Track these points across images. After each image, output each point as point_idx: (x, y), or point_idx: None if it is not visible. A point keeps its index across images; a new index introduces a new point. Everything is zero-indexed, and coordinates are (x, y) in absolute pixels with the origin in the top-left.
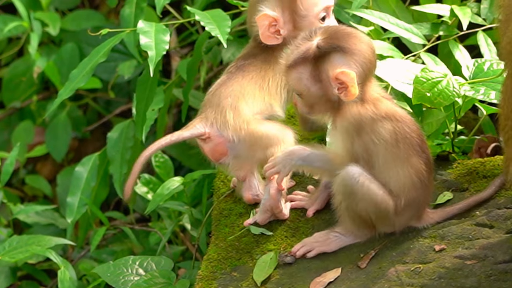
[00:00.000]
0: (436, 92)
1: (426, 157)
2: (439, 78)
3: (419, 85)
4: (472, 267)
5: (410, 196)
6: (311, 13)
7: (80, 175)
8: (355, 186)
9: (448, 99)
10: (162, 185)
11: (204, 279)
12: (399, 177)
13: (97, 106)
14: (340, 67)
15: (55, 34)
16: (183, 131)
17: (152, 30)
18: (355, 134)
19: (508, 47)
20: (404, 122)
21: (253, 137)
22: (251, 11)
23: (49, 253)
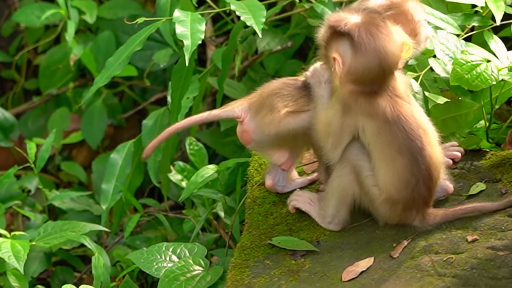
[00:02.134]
0: (475, 75)
1: (420, 161)
2: (479, 61)
3: (458, 66)
4: (504, 258)
5: (394, 194)
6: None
7: (115, 162)
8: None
9: (486, 83)
10: (196, 173)
11: (237, 266)
12: (382, 172)
13: (133, 93)
14: (337, 52)
15: (92, 22)
16: (222, 111)
17: (188, 19)
18: (343, 112)
19: None
20: (398, 124)
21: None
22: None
23: (84, 239)
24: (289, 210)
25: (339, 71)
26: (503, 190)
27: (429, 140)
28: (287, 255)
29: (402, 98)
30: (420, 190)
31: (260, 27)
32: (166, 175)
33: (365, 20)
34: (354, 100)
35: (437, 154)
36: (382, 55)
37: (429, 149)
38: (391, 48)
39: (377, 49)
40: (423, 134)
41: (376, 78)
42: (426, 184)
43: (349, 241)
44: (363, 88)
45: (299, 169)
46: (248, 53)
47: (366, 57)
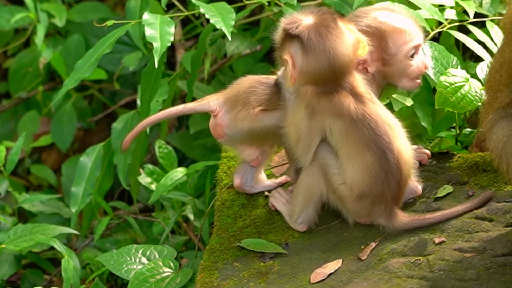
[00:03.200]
0: (459, 97)
1: (388, 155)
2: (462, 82)
3: (442, 89)
4: (471, 260)
5: (365, 189)
6: (400, 52)
7: (84, 165)
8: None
9: (472, 105)
10: (165, 176)
11: (206, 269)
12: (351, 170)
13: (102, 97)
14: (289, 54)
15: (62, 26)
16: (197, 104)
17: (157, 22)
18: (309, 115)
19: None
20: (364, 122)
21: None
22: None
23: (53, 242)
24: (258, 213)
25: (291, 73)
26: (470, 193)
27: (396, 134)
28: (256, 257)
29: (364, 96)
30: (390, 183)
31: (230, 30)
32: (135, 178)
33: (316, 22)
34: (317, 101)
35: (406, 148)
36: (331, 55)
37: (397, 143)
38: (341, 48)
39: (326, 50)
40: (389, 129)
41: (328, 78)
42: (396, 178)
43: (317, 243)
44: (320, 89)
45: (268, 171)
46: (217, 56)
47: (316, 58)
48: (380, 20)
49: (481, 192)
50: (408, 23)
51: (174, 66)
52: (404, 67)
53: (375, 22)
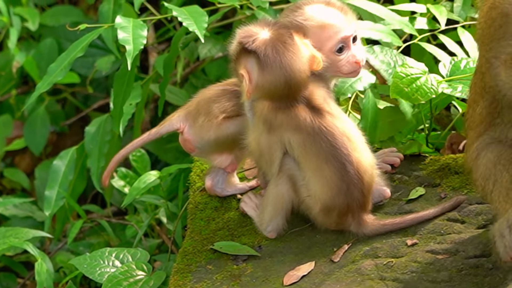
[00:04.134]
0: (414, 88)
1: (347, 167)
2: (418, 74)
3: (398, 80)
4: (443, 262)
5: (328, 202)
6: (324, 48)
7: (58, 169)
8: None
9: (426, 96)
10: (138, 179)
11: (179, 271)
12: (313, 183)
13: (75, 100)
14: (245, 69)
15: (34, 29)
16: (160, 127)
17: (130, 25)
18: (267, 130)
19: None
20: (321, 135)
21: (217, 143)
22: None
23: (27, 245)
24: (231, 216)
25: (247, 87)
26: (442, 195)
27: (355, 146)
28: (229, 260)
29: (321, 108)
30: (353, 194)
31: (202, 33)
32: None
33: (272, 37)
34: (274, 116)
35: (366, 158)
36: (288, 72)
37: (355, 155)
38: (297, 65)
39: (283, 67)
40: (347, 141)
41: (284, 94)
42: (358, 188)
43: (290, 245)
44: (276, 104)
45: (241, 174)
46: (190, 59)
47: (272, 75)
48: (305, 15)
49: (453, 194)
50: (334, 16)
51: (147, 70)
52: (333, 62)
53: (301, 17)
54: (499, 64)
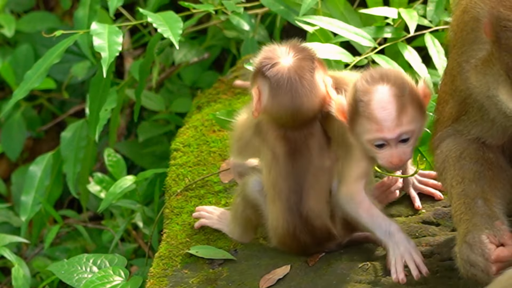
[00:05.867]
0: None
1: (294, 211)
2: None
3: None
4: None
5: (280, 235)
6: (365, 136)
7: (34, 174)
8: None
9: None
10: (114, 184)
11: (155, 276)
12: (270, 214)
13: (52, 106)
14: (258, 88)
15: (10, 36)
16: None
17: (105, 31)
18: (254, 131)
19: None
20: (288, 165)
21: None
22: None
23: (3, 251)
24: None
25: (255, 106)
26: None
27: (315, 189)
28: (205, 264)
29: (306, 146)
30: (300, 238)
31: (177, 38)
32: (85, 186)
33: (292, 67)
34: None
35: (319, 203)
36: (296, 108)
37: (310, 201)
38: (307, 103)
39: (292, 101)
40: (311, 180)
41: (288, 124)
42: (306, 233)
43: (266, 249)
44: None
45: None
46: (165, 65)
47: (281, 105)
48: (364, 94)
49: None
50: (386, 113)
51: (122, 75)
52: (371, 151)
53: (359, 92)
54: (469, 69)
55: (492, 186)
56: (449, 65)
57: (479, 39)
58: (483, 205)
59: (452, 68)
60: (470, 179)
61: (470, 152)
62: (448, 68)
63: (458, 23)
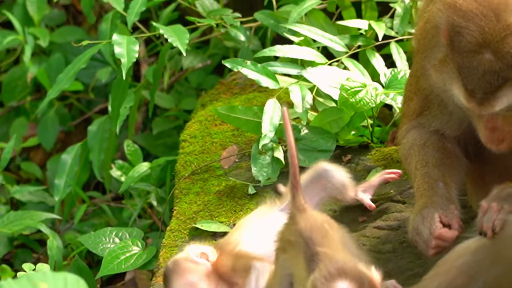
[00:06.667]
0: (358, 99)
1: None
2: (359, 87)
3: (344, 91)
4: (388, 236)
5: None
6: None
7: (65, 162)
8: None
9: (367, 105)
10: (133, 169)
11: (167, 246)
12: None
13: (80, 105)
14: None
15: (45, 46)
16: None
17: (124, 41)
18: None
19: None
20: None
21: None
22: None
23: (40, 225)
24: (210, 199)
25: None
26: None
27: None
28: (208, 236)
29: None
30: None
31: (184, 47)
32: (108, 171)
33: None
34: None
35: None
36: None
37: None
38: None
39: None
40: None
41: None
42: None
43: None
44: None
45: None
46: (175, 69)
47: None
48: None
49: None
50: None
51: (139, 78)
52: None
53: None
54: (430, 68)
55: (450, 172)
56: (414, 68)
57: (438, 44)
58: (443, 187)
59: (416, 70)
60: (433, 164)
61: (432, 142)
62: (413, 71)
63: (421, 32)
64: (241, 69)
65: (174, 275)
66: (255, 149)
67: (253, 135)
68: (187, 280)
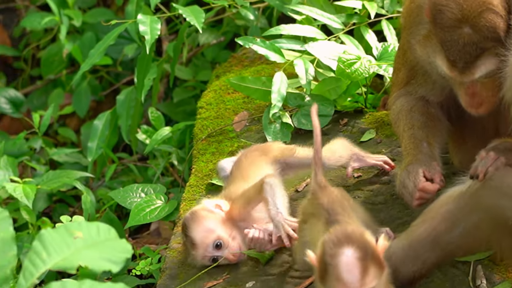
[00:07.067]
0: (353, 70)
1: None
2: (354, 60)
3: (341, 63)
4: (380, 189)
5: None
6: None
7: (97, 127)
8: None
9: (361, 75)
10: (156, 133)
11: (187, 199)
12: None
13: (109, 77)
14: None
15: (78, 26)
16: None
17: (148, 21)
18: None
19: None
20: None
21: None
22: None
23: (75, 183)
24: (223, 158)
25: None
26: (378, 140)
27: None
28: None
29: None
30: None
31: (201, 26)
32: (134, 135)
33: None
34: None
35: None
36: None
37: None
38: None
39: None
40: None
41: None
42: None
43: None
44: None
45: (231, 128)
46: (192, 45)
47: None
48: (332, 258)
49: (387, 140)
50: (350, 276)
51: (161, 53)
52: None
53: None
54: (415, 43)
55: (433, 134)
56: (401, 42)
57: (422, 21)
58: (427, 147)
59: (403, 44)
60: (418, 126)
61: (418, 107)
62: (400, 45)
63: (407, 11)
64: (252, 45)
65: (192, 223)
66: (266, 119)
67: (262, 102)
68: (204, 227)
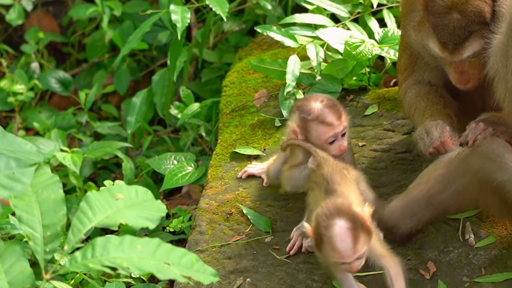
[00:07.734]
0: (358, 52)
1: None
2: (359, 43)
3: (348, 46)
4: (381, 156)
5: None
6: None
7: (135, 103)
8: None
9: (365, 57)
10: (187, 108)
11: (213, 166)
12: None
13: (145, 60)
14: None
15: (119, 15)
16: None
17: (179, 10)
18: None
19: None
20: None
21: None
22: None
23: (117, 152)
24: (246, 130)
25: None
26: (380, 114)
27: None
28: (245, 158)
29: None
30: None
31: (225, 14)
32: (168, 110)
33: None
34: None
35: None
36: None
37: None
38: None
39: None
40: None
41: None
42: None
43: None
44: None
45: (251, 104)
46: (218, 32)
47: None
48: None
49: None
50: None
51: (190, 39)
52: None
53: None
54: (410, 28)
55: (453, 111)
56: (401, 29)
57: (416, 9)
58: (449, 121)
59: (402, 31)
60: (441, 105)
61: (434, 91)
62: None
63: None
64: (269, 33)
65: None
66: (282, 96)
67: (278, 81)
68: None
